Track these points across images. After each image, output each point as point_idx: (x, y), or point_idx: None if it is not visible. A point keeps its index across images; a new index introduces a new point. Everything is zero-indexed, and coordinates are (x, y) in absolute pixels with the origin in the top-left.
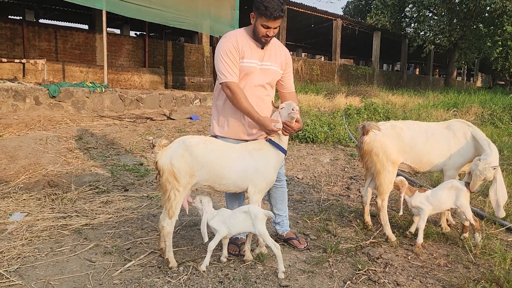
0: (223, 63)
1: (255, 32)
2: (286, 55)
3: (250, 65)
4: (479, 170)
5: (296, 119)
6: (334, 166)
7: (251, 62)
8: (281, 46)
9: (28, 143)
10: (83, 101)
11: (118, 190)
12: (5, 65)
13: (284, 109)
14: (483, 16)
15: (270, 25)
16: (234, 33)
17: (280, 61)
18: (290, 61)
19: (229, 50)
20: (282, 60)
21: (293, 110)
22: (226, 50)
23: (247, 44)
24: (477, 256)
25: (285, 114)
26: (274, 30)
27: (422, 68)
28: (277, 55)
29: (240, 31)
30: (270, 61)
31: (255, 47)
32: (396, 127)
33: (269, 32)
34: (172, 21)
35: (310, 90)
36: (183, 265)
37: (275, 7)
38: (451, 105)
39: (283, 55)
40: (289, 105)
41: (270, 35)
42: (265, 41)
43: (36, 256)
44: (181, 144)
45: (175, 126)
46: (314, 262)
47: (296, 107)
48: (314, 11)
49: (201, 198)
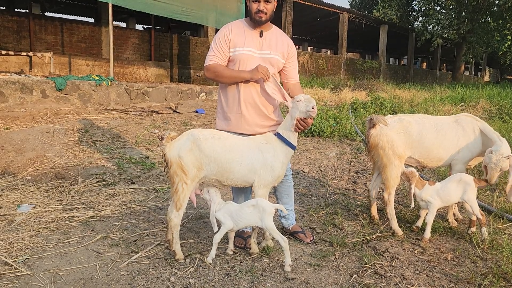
0: (209, 51)
1: (250, 13)
2: (289, 44)
3: (244, 52)
4: (494, 163)
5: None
6: (340, 160)
7: (246, 50)
8: (284, 36)
9: (35, 136)
10: (90, 94)
11: (124, 183)
12: (12, 58)
13: (302, 103)
14: (492, 9)
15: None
16: (232, 23)
17: (282, 50)
18: (294, 51)
19: (218, 39)
20: (284, 49)
21: (313, 109)
22: (216, 39)
23: (242, 33)
24: (484, 250)
25: (303, 110)
26: (266, 5)
27: (429, 63)
28: (278, 44)
29: (239, 21)
30: (269, 50)
31: (252, 35)
32: (404, 121)
33: (259, 6)
34: (178, 14)
35: (316, 84)
36: (189, 257)
37: None
38: (459, 99)
39: (285, 45)
40: (308, 101)
41: (261, 9)
42: (259, 19)
43: (44, 247)
44: (190, 137)
45: (180, 119)
46: (320, 256)
47: (315, 105)
48: (321, 4)
49: (208, 189)
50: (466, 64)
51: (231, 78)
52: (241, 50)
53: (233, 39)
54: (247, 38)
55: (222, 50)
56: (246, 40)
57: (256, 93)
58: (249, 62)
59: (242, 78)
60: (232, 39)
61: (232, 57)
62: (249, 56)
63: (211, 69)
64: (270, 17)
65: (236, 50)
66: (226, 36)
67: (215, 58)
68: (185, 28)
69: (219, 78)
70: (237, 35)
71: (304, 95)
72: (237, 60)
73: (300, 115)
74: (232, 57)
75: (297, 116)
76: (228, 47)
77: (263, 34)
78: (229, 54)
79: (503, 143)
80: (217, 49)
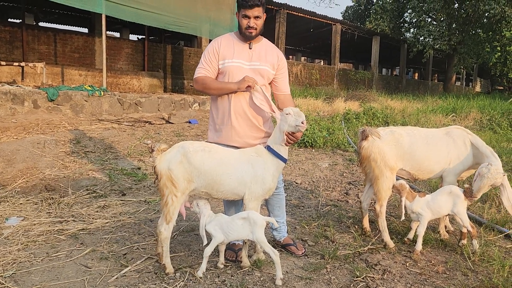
0: (199, 65)
1: (240, 28)
2: (279, 56)
3: (233, 64)
4: (491, 174)
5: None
6: (333, 171)
7: (235, 61)
8: (274, 48)
9: (26, 147)
10: (82, 104)
11: (115, 195)
12: (4, 68)
13: (291, 116)
14: (482, 21)
15: (249, 14)
16: (222, 36)
17: (272, 62)
18: (284, 63)
19: (208, 53)
20: (274, 61)
21: (302, 124)
22: (205, 53)
23: (231, 45)
24: (475, 263)
25: (292, 124)
26: (256, 21)
27: (421, 73)
28: (267, 55)
29: (229, 34)
30: (259, 61)
31: (241, 47)
32: (395, 133)
33: (249, 22)
34: (171, 25)
35: (309, 94)
36: (180, 271)
37: None
38: (450, 110)
39: (275, 56)
40: (298, 115)
41: (251, 25)
42: (249, 34)
43: (32, 261)
44: (180, 149)
45: (173, 130)
46: (312, 269)
47: (304, 120)
48: (314, 16)
49: (197, 202)
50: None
51: (219, 89)
52: (230, 62)
53: (222, 52)
54: (236, 50)
55: (211, 63)
56: (235, 52)
57: (246, 104)
58: (238, 73)
59: (229, 89)
60: (221, 52)
61: (221, 69)
62: (238, 67)
63: (199, 81)
64: (260, 31)
65: (225, 62)
66: (215, 49)
67: (203, 71)
68: (179, 39)
69: (207, 90)
70: (226, 47)
71: (293, 108)
72: (227, 72)
73: (289, 129)
74: (221, 69)
75: (286, 129)
76: (217, 60)
77: (252, 46)
78: (218, 66)
79: (497, 160)
80: (206, 62)
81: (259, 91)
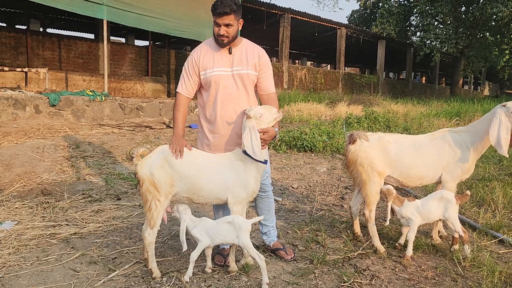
0: (182, 75)
1: (214, 35)
2: (260, 55)
3: (216, 73)
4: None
5: (264, 129)
6: (331, 175)
7: (218, 70)
8: (255, 47)
9: (25, 152)
10: (83, 109)
11: (110, 199)
12: (8, 73)
13: (265, 115)
14: (490, 24)
15: (219, 22)
16: (200, 46)
17: (253, 63)
18: (266, 60)
19: (187, 65)
20: (256, 61)
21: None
22: (186, 64)
23: (211, 54)
24: (466, 268)
25: (271, 119)
26: (227, 29)
27: (428, 77)
28: (248, 57)
29: (207, 42)
30: (240, 65)
31: (221, 54)
32: (383, 139)
33: (220, 30)
34: (173, 30)
35: (313, 98)
36: (167, 275)
37: (221, 4)
38: (454, 114)
39: (256, 55)
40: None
41: (221, 33)
42: (221, 41)
43: (21, 265)
44: (161, 154)
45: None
46: (300, 274)
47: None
48: (318, 20)
49: (177, 207)
50: (465, 79)
51: (173, 118)
52: (212, 72)
53: (201, 63)
54: (216, 58)
55: (191, 76)
56: (216, 61)
57: (233, 111)
58: (221, 81)
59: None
60: (201, 63)
61: (203, 80)
62: (220, 76)
63: (176, 98)
64: (233, 38)
65: (206, 72)
66: (195, 61)
67: (183, 89)
68: (185, 44)
69: (173, 108)
70: (205, 57)
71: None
72: (210, 82)
73: (268, 125)
74: (203, 80)
75: (263, 127)
76: (197, 73)
77: (232, 51)
78: (200, 77)
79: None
80: (187, 76)
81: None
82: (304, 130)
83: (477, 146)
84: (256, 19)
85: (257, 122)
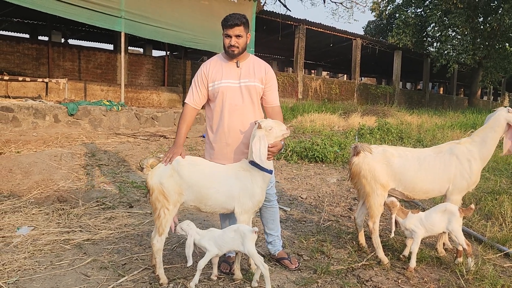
0: (191, 87)
1: (224, 46)
2: (267, 69)
3: (224, 85)
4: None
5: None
6: (340, 186)
7: (226, 82)
8: (261, 62)
9: (43, 160)
10: (100, 119)
11: (123, 207)
12: (30, 84)
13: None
14: (508, 35)
15: (229, 33)
16: (210, 59)
17: (260, 76)
18: (272, 75)
19: (197, 77)
20: (262, 75)
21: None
22: (195, 76)
23: (220, 67)
24: (468, 281)
25: (279, 134)
26: (238, 40)
27: (446, 87)
28: (255, 70)
29: (217, 56)
30: (248, 78)
31: (229, 67)
32: (387, 152)
33: (231, 41)
34: (188, 41)
35: (327, 109)
36: (173, 282)
37: (232, 17)
38: (469, 125)
39: (262, 70)
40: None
41: (232, 44)
42: (232, 52)
43: (36, 269)
44: (170, 164)
45: (187, 144)
46: (303, 283)
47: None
48: (333, 31)
49: (181, 226)
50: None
51: (177, 127)
52: (219, 84)
53: (210, 75)
54: (225, 70)
55: (200, 88)
56: (224, 73)
57: (240, 123)
58: (228, 92)
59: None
60: (210, 75)
61: (211, 91)
62: (228, 87)
63: (183, 109)
64: (243, 49)
65: (214, 84)
66: (204, 73)
67: (191, 100)
68: (202, 54)
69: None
70: (214, 70)
71: (266, 120)
72: (218, 93)
73: (275, 139)
74: (211, 91)
75: (271, 142)
76: (205, 85)
77: (239, 64)
78: (207, 89)
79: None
80: (196, 88)
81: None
82: (316, 141)
83: (483, 155)
84: (272, 30)
85: (266, 134)
